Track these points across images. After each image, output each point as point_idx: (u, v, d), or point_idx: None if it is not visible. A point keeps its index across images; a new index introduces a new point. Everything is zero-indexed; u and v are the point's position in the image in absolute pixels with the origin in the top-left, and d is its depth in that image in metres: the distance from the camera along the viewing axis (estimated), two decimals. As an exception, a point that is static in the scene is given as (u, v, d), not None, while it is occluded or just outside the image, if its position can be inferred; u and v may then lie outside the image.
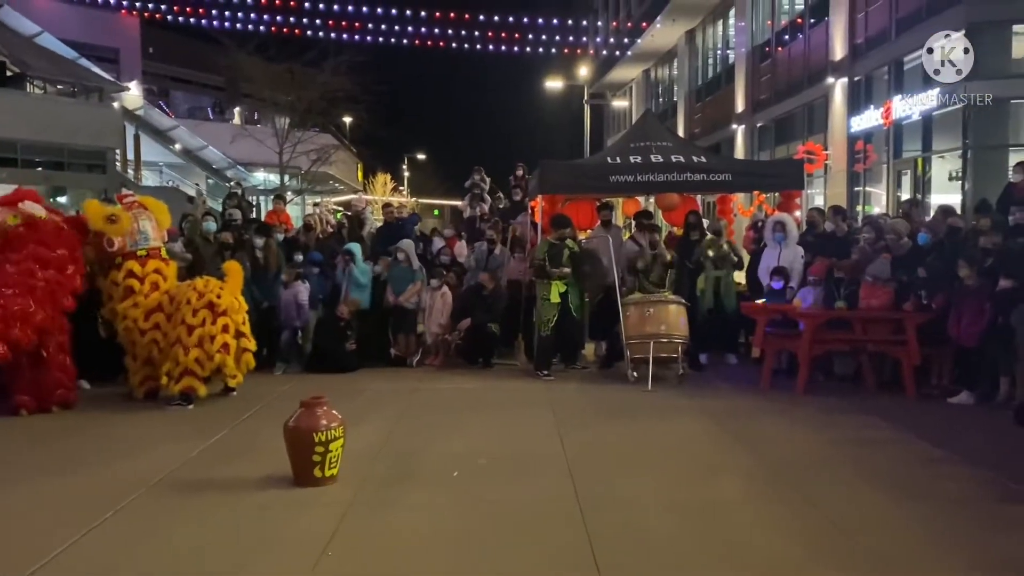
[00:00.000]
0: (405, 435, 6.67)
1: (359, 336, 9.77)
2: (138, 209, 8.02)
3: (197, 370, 7.54)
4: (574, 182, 10.27)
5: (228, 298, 7.78)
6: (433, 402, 8.04)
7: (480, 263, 10.57)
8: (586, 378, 9.27)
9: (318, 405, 5.24)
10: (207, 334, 7.56)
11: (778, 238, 9.37)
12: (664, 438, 6.58)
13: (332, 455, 5.15)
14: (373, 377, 9.34)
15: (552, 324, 9.17)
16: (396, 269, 10.29)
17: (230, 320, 7.72)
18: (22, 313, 6.98)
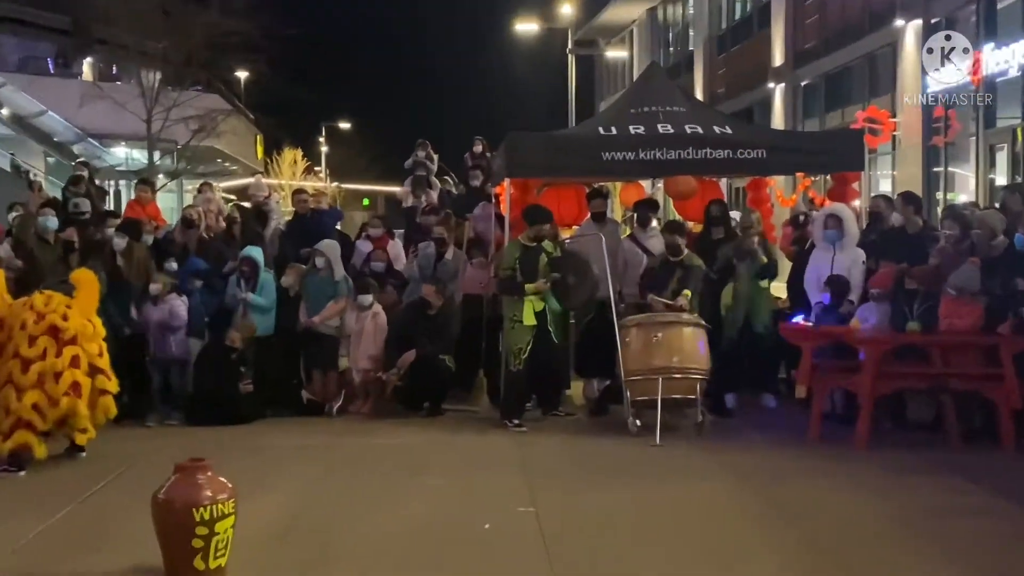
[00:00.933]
0: (321, 509, 6.63)
1: (259, 373, 9.74)
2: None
3: (35, 421, 7.46)
4: (554, 161, 10.32)
5: (78, 320, 7.72)
6: (361, 464, 8.00)
7: (425, 272, 10.61)
8: (572, 429, 9.30)
9: (199, 470, 5.21)
10: (49, 370, 7.50)
11: (830, 237, 9.51)
12: (677, 509, 6.62)
13: (219, 539, 5.11)
14: (278, 430, 9.29)
15: (525, 355, 9.22)
16: (312, 281, 10.28)
17: (81, 351, 7.66)
18: None
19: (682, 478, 7.40)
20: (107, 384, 7.89)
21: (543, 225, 9.42)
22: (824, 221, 9.62)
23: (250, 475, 6.73)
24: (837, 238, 9.48)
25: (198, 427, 9.31)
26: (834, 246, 9.49)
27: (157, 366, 9.77)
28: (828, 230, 9.53)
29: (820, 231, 9.65)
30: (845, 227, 9.50)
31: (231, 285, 10.07)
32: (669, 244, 9.60)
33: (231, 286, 10.07)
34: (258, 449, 8.41)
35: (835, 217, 9.56)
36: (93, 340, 7.84)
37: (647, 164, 10.31)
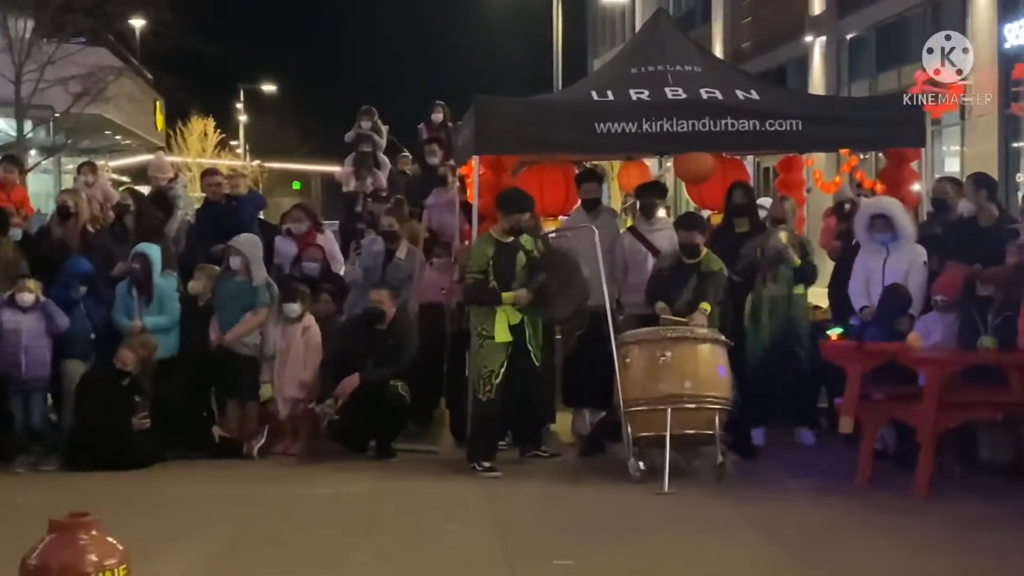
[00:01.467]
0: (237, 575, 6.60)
1: (158, 405, 9.71)
2: None
3: None
4: (535, 134, 10.35)
5: None
6: (289, 521, 7.97)
7: (371, 275, 10.59)
8: (557, 473, 9.30)
9: (82, 528, 5.15)
10: None
11: (880, 240, 9.53)
12: (689, 572, 6.60)
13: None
14: (183, 476, 9.27)
15: (498, 380, 9.22)
16: (226, 286, 10.27)
17: None
18: None
19: (697, 536, 7.41)
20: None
21: (521, 215, 9.40)
22: (868, 221, 9.65)
23: (146, 535, 6.69)
24: (888, 241, 9.50)
25: (80, 473, 9.24)
26: (886, 248, 9.52)
27: (19, 394, 9.64)
28: (875, 232, 9.56)
29: (864, 232, 9.68)
30: (896, 225, 9.52)
31: (120, 294, 10.01)
32: (684, 243, 9.62)
33: (120, 295, 10.00)
34: (157, 502, 8.37)
35: (882, 217, 9.58)
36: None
37: (652, 138, 10.36)
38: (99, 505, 5.47)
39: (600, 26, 42.46)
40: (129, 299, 9.99)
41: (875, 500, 8.25)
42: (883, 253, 9.54)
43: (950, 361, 8.55)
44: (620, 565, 6.79)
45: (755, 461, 9.51)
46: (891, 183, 10.88)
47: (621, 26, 39.09)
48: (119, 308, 10.03)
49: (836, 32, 25.34)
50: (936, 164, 19.98)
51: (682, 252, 9.61)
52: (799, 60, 26.89)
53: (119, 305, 10.03)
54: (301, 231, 11.58)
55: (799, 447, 10.05)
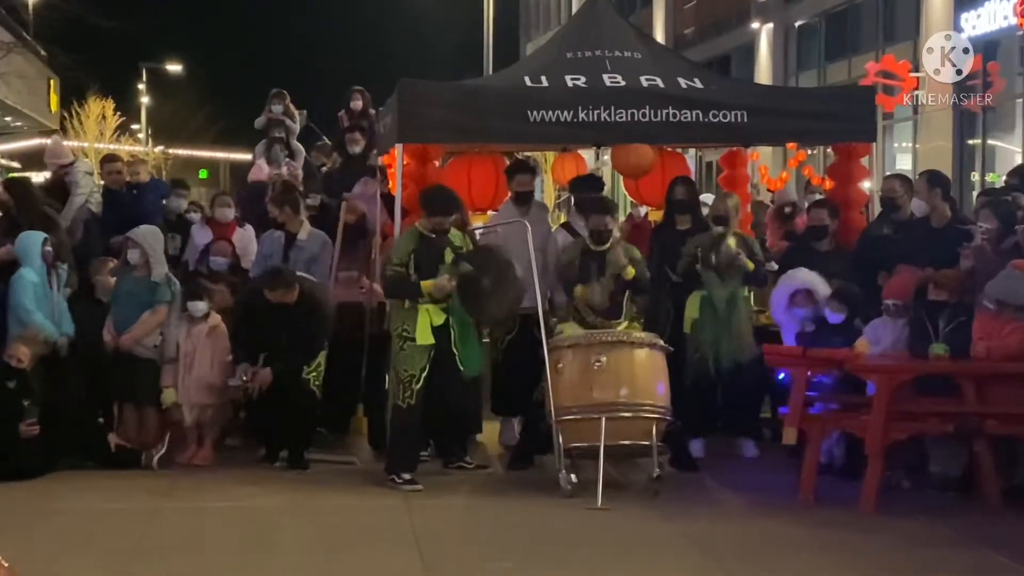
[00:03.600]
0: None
1: (49, 409, 9.60)
2: None
3: None
4: (463, 122, 10.37)
5: None
6: (196, 536, 7.94)
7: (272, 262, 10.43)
8: (483, 487, 9.33)
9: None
10: None
11: (802, 317, 9.69)
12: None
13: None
14: (76, 487, 9.19)
15: (419, 386, 9.20)
16: (125, 282, 10.20)
17: None
18: None
19: (633, 555, 7.43)
20: None
21: (445, 218, 9.35)
22: (788, 299, 9.81)
23: (34, 552, 6.61)
24: (809, 316, 9.68)
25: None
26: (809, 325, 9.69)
27: None
28: (795, 307, 9.74)
29: (783, 312, 9.84)
30: (818, 298, 9.67)
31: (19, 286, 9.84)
32: (596, 228, 9.59)
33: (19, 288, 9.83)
34: (46, 515, 8.29)
35: (803, 291, 9.73)
36: None
37: (589, 127, 10.41)
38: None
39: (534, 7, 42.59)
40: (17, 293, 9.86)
41: (819, 515, 8.33)
42: None
43: (900, 370, 8.65)
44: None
45: (694, 474, 9.56)
46: (840, 179, 11.01)
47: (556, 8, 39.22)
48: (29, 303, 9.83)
49: (784, 19, 25.64)
50: (887, 161, 20.26)
51: (592, 239, 9.60)
52: (745, 48, 27.17)
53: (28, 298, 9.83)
54: (227, 219, 11.52)
55: (740, 460, 10.13)
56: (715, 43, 28.47)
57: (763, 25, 26.17)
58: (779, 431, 9.49)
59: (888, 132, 20.37)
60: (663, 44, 20.97)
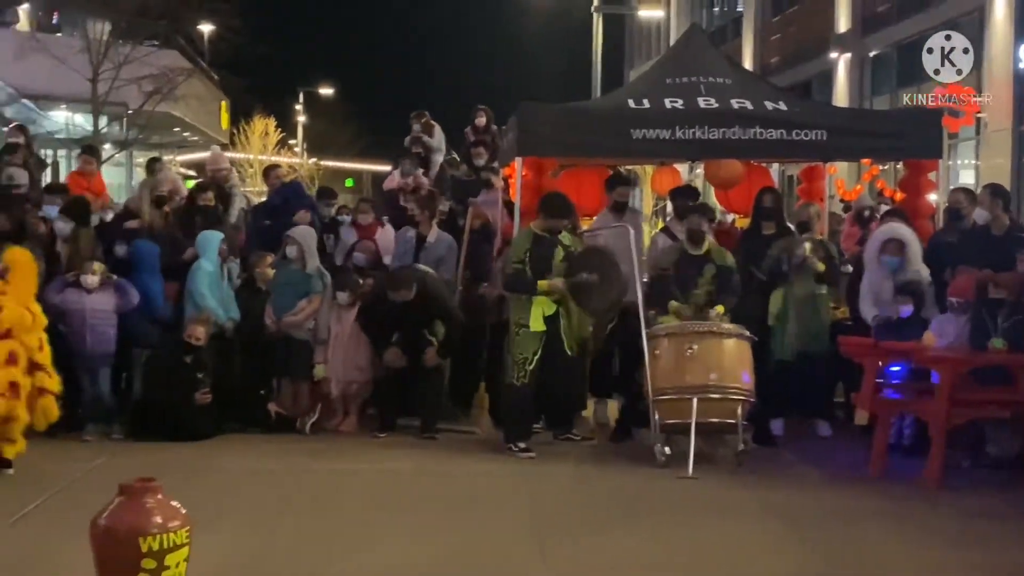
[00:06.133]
0: (287, 547, 6.66)
1: (220, 381, 9.77)
2: None
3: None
4: (574, 139, 10.36)
5: (13, 309, 7.79)
6: (336, 494, 8.03)
7: (404, 260, 10.54)
8: (588, 456, 9.30)
9: (148, 492, 5.20)
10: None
11: (891, 265, 9.50)
12: (710, 559, 6.59)
13: (171, 573, 5.11)
14: (240, 449, 9.33)
15: (531, 367, 9.23)
16: (283, 274, 10.32)
17: (18, 345, 7.73)
18: None
19: (717, 519, 7.38)
20: (48, 382, 7.99)
21: (560, 220, 9.38)
22: (881, 245, 9.61)
23: (206, 503, 6.71)
24: (896, 265, 9.48)
25: (145, 443, 9.34)
26: (894, 275, 9.48)
27: (86, 368, 9.70)
28: (885, 255, 9.52)
29: (874, 256, 9.64)
30: (908, 252, 9.49)
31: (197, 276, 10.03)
32: (693, 229, 9.52)
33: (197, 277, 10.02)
34: (215, 471, 8.43)
35: (895, 241, 9.55)
36: (32, 331, 7.92)
37: (685, 145, 10.34)
38: (162, 472, 5.52)
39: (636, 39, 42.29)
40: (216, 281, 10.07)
41: (887, 489, 8.20)
42: (890, 278, 9.50)
43: (962, 361, 8.49)
44: (642, 549, 6.75)
45: (774, 449, 9.49)
46: (909, 192, 10.81)
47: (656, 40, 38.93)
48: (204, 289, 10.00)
49: (860, 50, 25.17)
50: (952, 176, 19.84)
51: (689, 239, 9.53)
52: (824, 75, 26.71)
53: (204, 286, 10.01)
54: (367, 222, 11.58)
55: (816, 438, 10.00)
56: (798, 71, 28.05)
57: (841, 55, 25.73)
58: (851, 413, 9.43)
59: (953, 150, 19.93)
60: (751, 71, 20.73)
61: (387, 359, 9.74)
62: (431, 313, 9.84)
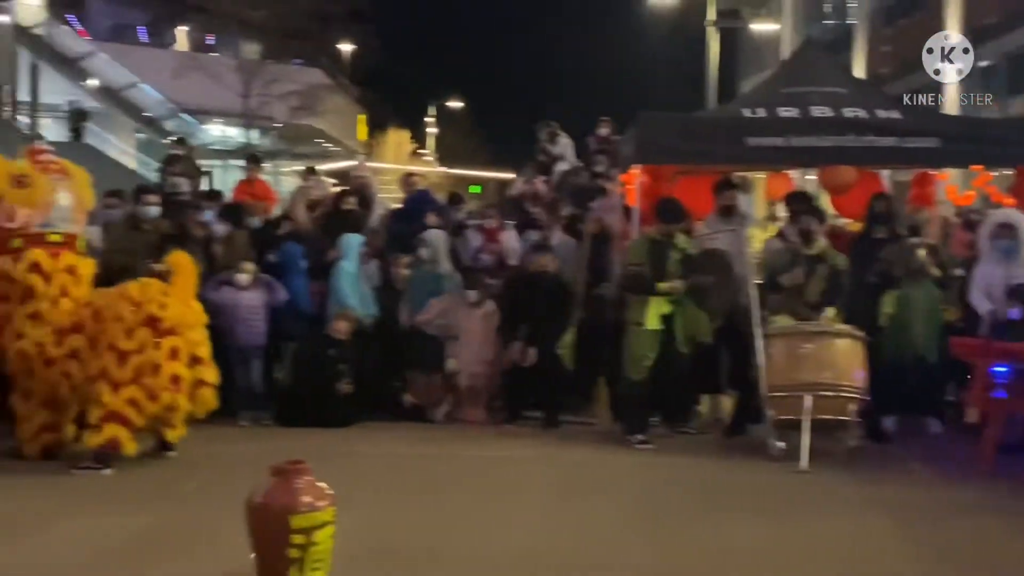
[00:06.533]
0: (423, 525, 6.76)
1: (359, 373, 9.94)
2: (58, 175, 8.25)
3: (131, 416, 7.78)
4: (691, 146, 10.33)
5: (177, 308, 8.00)
6: (466, 477, 8.13)
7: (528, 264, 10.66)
8: (702, 449, 9.24)
9: (298, 474, 5.34)
10: (148, 363, 7.79)
11: (1001, 248, 9.22)
12: (820, 550, 6.50)
13: (317, 550, 5.23)
14: (376, 436, 9.49)
15: (649, 363, 9.20)
16: (417, 275, 10.47)
17: (181, 341, 7.93)
18: None
19: (828, 513, 7.28)
20: (207, 374, 8.20)
21: (675, 224, 9.37)
22: (994, 229, 9.33)
23: (346, 484, 6.81)
24: (1010, 249, 9.18)
25: (292, 428, 9.59)
26: (1007, 258, 9.20)
27: (239, 359, 9.98)
28: (998, 240, 9.24)
29: (987, 240, 9.37)
30: (1021, 236, 9.20)
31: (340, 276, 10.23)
32: (805, 228, 9.40)
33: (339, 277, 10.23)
34: (355, 455, 8.59)
35: (1007, 226, 9.26)
36: (193, 328, 8.14)
37: (799, 152, 10.27)
38: (307, 456, 5.61)
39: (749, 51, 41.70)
40: (339, 280, 10.22)
41: (995, 484, 7.97)
42: (1003, 262, 9.22)
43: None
44: (755, 539, 6.66)
45: (885, 446, 9.31)
46: (1020, 198, 10.51)
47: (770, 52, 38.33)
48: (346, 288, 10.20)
49: (969, 59, 24.50)
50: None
51: (802, 239, 9.38)
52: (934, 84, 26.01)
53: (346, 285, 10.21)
54: (492, 226, 11.66)
55: (926, 435, 9.77)
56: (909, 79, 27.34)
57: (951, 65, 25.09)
58: (962, 411, 9.22)
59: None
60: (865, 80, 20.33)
61: (512, 356, 9.79)
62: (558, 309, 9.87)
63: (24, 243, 8.03)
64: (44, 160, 8.34)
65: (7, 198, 7.96)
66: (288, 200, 11.85)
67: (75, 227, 8.34)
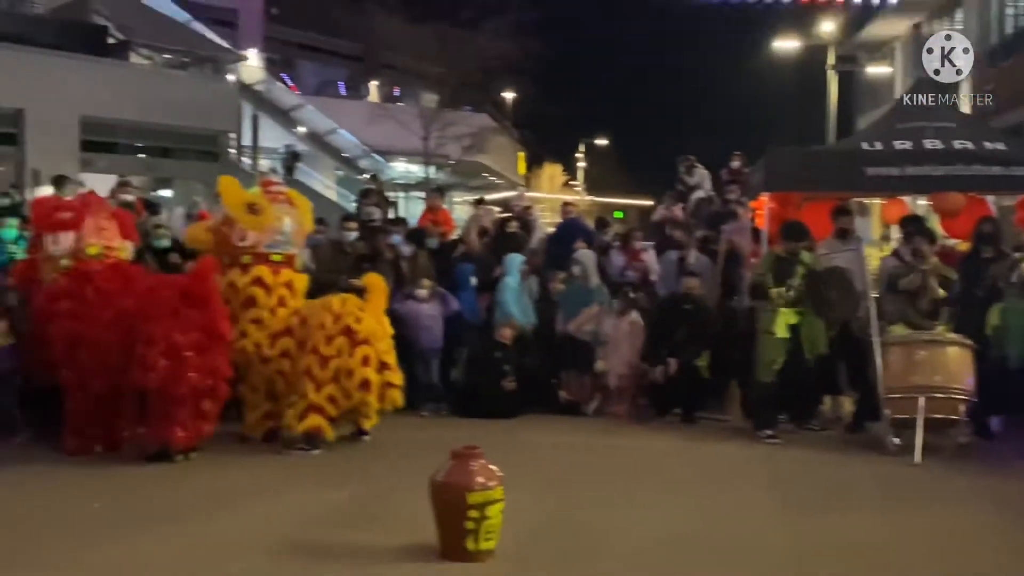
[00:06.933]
0: (577, 504, 6.75)
1: (521, 372, 9.99)
2: (284, 203, 8.55)
3: (328, 409, 7.99)
4: (815, 176, 10.09)
5: (370, 322, 8.18)
6: (615, 464, 8.10)
7: (668, 280, 10.50)
8: (825, 444, 8.98)
9: (473, 458, 5.40)
10: (344, 368, 7.99)
11: None
12: (933, 534, 6.27)
13: (489, 523, 5.28)
14: (536, 426, 9.52)
15: (777, 367, 8.98)
16: (570, 289, 10.47)
17: (372, 350, 8.11)
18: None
19: (940, 503, 6.99)
20: (394, 378, 8.33)
21: (798, 243, 9.15)
22: None
23: (511, 467, 6.86)
24: None
25: (465, 419, 9.67)
26: None
27: (420, 360, 10.09)
28: None
29: None
30: None
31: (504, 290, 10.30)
32: (916, 249, 9.10)
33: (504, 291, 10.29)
34: (518, 443, 8.62)
35: None
36: (382, 339, 8.30)
37: (913, 180, 9.97)
38: (478, 442, 5.69)
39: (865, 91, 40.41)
40: (505, 293, 10.30)
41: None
42: None
43: None
44: (873, 524, 6.46)
45: (991, 443, 8.88)
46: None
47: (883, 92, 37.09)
48: (509, 300, 10.25)
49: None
50: None
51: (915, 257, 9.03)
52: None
53: (509, 298, 10.26)
54: (635, 247, 11.54)
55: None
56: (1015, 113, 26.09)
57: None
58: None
59: None
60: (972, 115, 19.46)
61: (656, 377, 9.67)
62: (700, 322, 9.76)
63: (252, 260, 8.27)
64: (274, 191, 8.60)
65: (241, 222, 8.22)
66: (463, 226, 12.00)
67: (295, 248, 8.58)
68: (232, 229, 8.22)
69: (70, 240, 8.13)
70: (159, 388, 7.48)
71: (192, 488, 7.08)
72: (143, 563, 5.47)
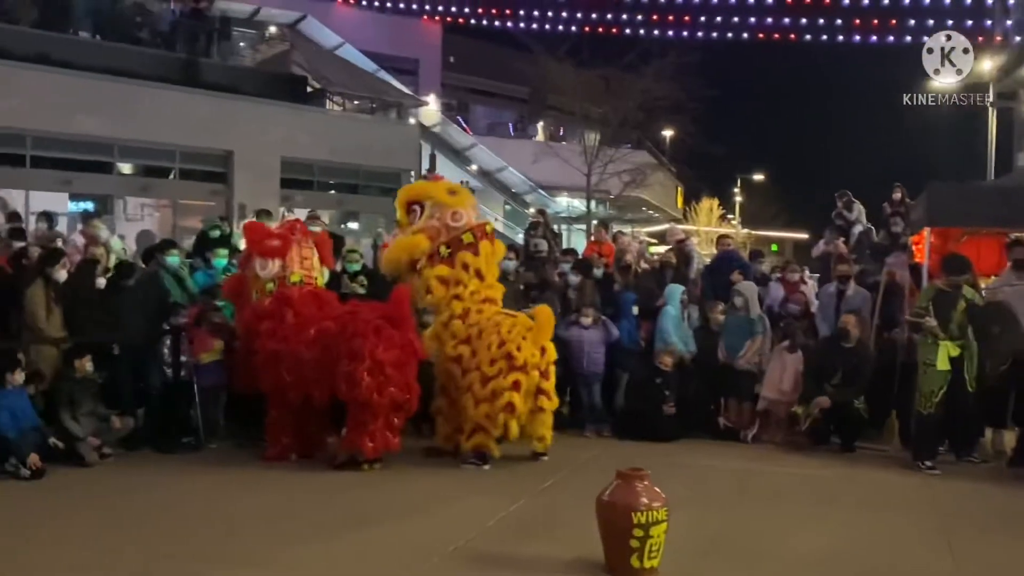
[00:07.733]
0: (739, 527, 6.61)
1: (682, 399, 9.85)
2: None
3: (489, 427, 8.09)
4: (977, 211, 9.59)
5: (530, 350, 8.18)
6: (773, 489, 7.89)
7: (827, 310, 10.13)
8: (986, 476, 8.50)
9: (639, 478, 5.35)
10: (499, 389, 8.06)
11: None
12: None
13: (653, 542, 5.22)
14: (695, 450, 9.37)
15: (937, 399, 8.54)
16: (731, 319, 10.26)
17: (525, 376, 8.10)
18: None
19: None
20: (545, 403, 8.30)
21: (960, 276, 8.69)
22: None
23: (671, 488, 6.79)
24: None
25: (626, 441, 9.60)
26: None
27: (583, 383, 10.07)
28: None
29: None
30: None
31: (664, 318, 10.20)
32: None
33: (664, 319, 10.20)
34: (679, 466, 8.51)
35: None
36: (540, 365, 8.24)
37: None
38: (638, 464, 5.64)
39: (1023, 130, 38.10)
40: (678, 322, 10.20)
41: None
42: None
43: None
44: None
45: None
46: None
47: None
48: (670, 328, 10.14)
49: None
50: None
51: None
52: None
53: (670, 326, 10.14)
54: (794, 280, 11.18)
55: None
56: None
57: None
58: None
59: None
60: None
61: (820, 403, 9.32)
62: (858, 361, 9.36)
63: (473, 236, 8.46)
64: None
65: (449, 203, 8.44)
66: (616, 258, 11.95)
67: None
68: (444, 213, 8.40)
69: (277, 267, 8.55)
70: (364, 401, 7.71)
71: (376, 495, 7.30)
72: (331, 563, 5.67)
